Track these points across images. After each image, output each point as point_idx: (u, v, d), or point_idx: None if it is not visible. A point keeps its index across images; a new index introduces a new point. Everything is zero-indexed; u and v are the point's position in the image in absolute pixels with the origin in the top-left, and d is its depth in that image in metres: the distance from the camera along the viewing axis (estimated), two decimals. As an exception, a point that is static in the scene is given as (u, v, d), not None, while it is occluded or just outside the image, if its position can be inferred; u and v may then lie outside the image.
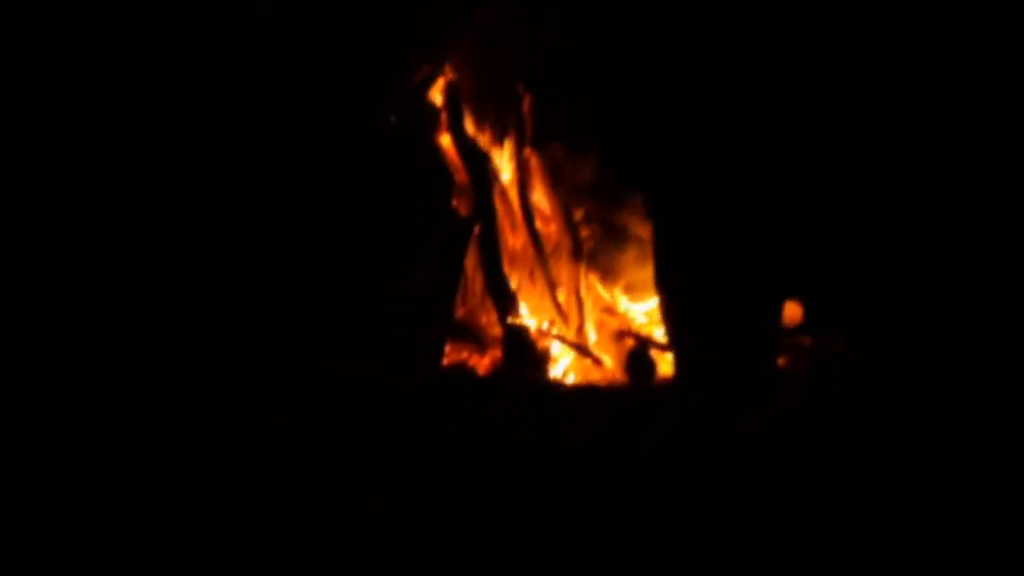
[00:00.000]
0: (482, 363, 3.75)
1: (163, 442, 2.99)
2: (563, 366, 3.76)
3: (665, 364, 3.65)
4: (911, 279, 3.65)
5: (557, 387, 3.64)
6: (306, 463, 3.06)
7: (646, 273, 3.78)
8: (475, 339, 3.80)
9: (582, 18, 3.68)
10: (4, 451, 2.83)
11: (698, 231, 3.51)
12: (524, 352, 3.66)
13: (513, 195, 3.97)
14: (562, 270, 3.93)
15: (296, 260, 3.41)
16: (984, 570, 2.91)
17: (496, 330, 3.79)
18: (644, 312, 3.89)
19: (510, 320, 3.74)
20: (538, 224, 3.97)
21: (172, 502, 2.92)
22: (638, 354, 3.66)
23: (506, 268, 3.87)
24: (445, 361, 3.71)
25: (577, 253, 3.92)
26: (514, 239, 3.96)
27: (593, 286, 3.93)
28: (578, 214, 3.98)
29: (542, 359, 3.67)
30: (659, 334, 3.75)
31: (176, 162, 3.28)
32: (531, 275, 3.93)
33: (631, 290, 3.91)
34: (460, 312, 3.83)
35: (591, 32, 3.68)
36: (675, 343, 3.51)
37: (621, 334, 3.75)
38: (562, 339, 3.76)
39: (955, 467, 3.20)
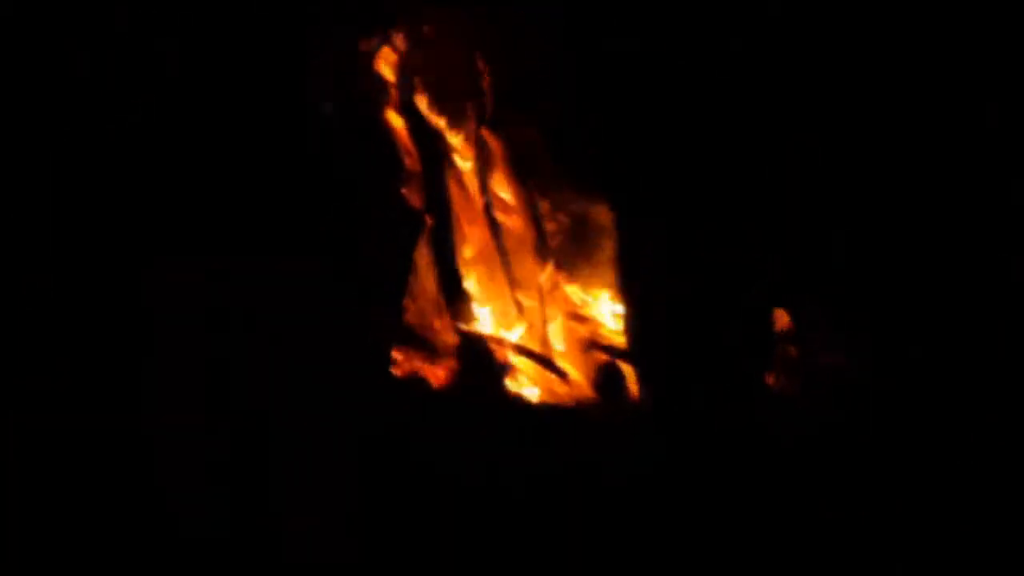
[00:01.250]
0: (436, 374, 3.35)
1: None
2: (525, 379, 3.36)
3: (639, 380, 3.28)
4: (912, 282, 3.32)
5: (517, 405, 3.24)
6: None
7: (620, 272, 3.40)
8: (427, 346, 3.38)
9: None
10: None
11: (672, 227, 3.15)
12: (480, 364, 3.26)
13: (471, 182, 3.54)
14: (525, 268, 3.51)
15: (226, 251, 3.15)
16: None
17: (450, 336, 3.38)
18: (617, 317, 3.47)
19: (464, 326, 3.33)
20: (499, 215, 3.55)
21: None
22: (609, 368, 3.27)
23: (461, 266, 3.46)
24: (396, 371, 3.31)
25: (542, 249, 3.51)
26: (471, 233, 3.54)
27: (560, 287, 3.52)
28: (544, 205, 3.56)
29: (500, 372, 3.27)
30: (634, 344, 3.37)
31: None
32: (490, 274, 3.52)
33: (603, 292, 3.51)
34: (409, 315, 3.41)
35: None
36: (640, 358, 3.13)
37: (590, 344, 3.35)
38: (523, 350, 3.35)
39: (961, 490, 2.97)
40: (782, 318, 3.34)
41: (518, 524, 2.92)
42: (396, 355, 3.31)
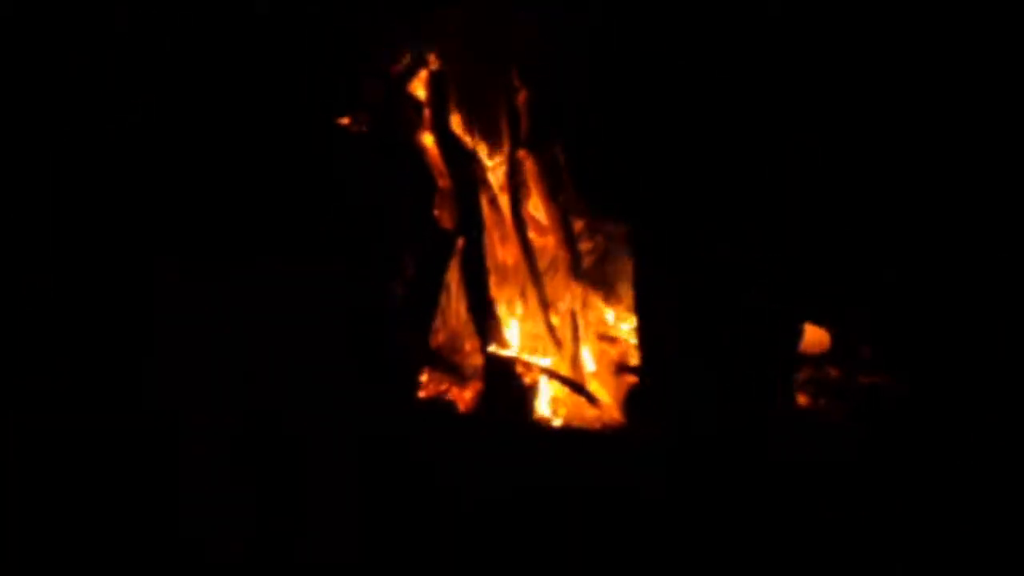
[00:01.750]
0: (463, 397, 3.30)
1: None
2: (552, 403, 3.28)
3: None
4: (959, 296, 3.14)
5: (541, 429, 3.16)
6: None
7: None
8: (455, 369, 3.33)
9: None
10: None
11: (690, 235, 3.04)
12: (506, 387, 3.19)
13: (504, 203, 3.49)
14: (558, 289, 3.44)
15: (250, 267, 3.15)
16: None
17: (480, 359, 3.33)
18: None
19: (492, 349, 3.27)
20: (532, 236, 3.48)
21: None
22: (638, 390, 3.15)
23: (493, 288, 3.40)
24: (421, 393, 3.27)
25: (576, 269, 3.43)
26: (504, 253, 3.48)
27: (593, 308, 3.44)
28: (578, 225, 3.48)
29: (527, 395, 3.19)
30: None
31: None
32: (523, 295, 3.45)
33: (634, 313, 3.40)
34: (440, 337, 3.37)
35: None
36: (661, 379, 3.01)
37: (621, 366, 3.25)
38: (552, 373, 3.27)
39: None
40: (822, 337, 3.19)
41: (542, 548, 2.83)
42: (423, 378, 3.29)
